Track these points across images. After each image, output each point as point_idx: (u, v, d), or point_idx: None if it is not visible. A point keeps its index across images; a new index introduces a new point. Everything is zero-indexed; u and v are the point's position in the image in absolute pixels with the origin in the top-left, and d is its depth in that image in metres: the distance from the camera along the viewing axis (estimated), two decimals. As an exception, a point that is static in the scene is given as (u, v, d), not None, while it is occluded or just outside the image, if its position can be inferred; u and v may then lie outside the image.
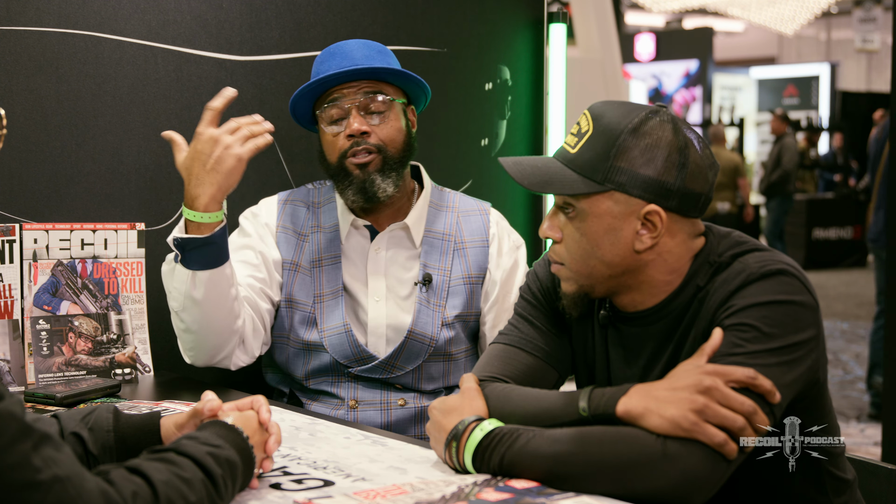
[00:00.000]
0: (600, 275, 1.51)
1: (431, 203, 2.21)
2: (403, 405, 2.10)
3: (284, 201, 2.22)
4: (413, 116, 2.19)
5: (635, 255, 1.48)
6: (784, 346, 1.38)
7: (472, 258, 2.17)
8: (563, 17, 3.10)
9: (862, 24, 15.67)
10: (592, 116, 1.50)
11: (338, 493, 1.32)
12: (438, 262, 2.15)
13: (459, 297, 2.15)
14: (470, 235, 2.19)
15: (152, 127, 2.37)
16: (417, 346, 2.11)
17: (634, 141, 1.45)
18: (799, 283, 1.43)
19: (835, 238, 12.33)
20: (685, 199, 1.47)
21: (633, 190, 1.46)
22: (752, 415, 1.31)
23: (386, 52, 2.16)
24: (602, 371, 1.61)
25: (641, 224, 1.47)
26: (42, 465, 1.02)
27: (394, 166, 2.09)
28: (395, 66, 2.13)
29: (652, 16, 18.65)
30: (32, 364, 2.06)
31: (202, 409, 1.37)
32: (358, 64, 2.07)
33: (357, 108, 2.08)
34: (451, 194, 2.27)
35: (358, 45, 2.13)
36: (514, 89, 2.98)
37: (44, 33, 2.23)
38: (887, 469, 1.73)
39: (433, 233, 2.18)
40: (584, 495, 1.30)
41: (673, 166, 1.45)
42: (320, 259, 2.15)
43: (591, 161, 1.48)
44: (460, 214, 2.22)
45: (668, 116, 1.48)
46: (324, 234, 2.16)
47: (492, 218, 2.24)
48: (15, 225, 2.10)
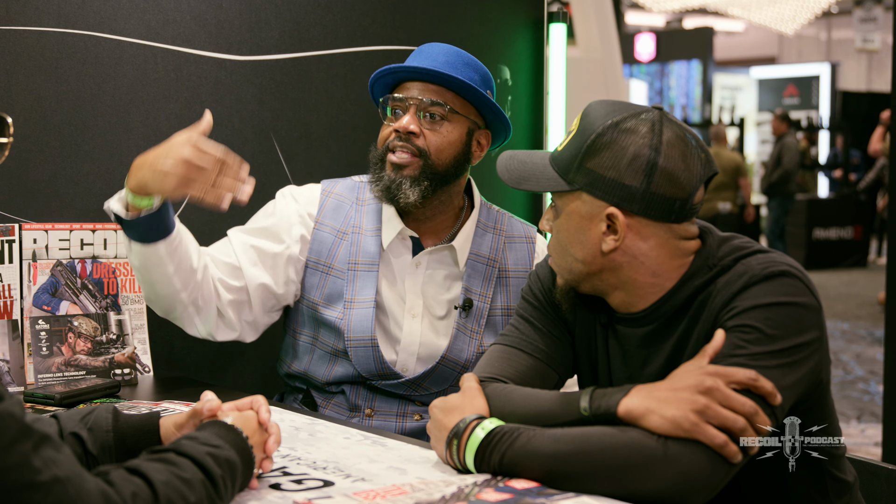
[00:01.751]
0: (578, 272, 1.53)
1: (479, 223, 2.13)
2: (419, 419, 2.05)
3: (328, 193, 2.13)
4: (484, 140, 2.10)
5: (604, 256, 1.49)
6: (787, 347, 1.38)
7: (514, 289, 2.10)
8: (564, 16, 3.10)
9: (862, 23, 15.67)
10: (581, 115, 1.51)
11: (337, 493, 1.32)
12: (480, 288, 2.08)
13: (497, 327, 2.08)
14: (514, 265, 2.12)
15: (152, 127, 2.37)
16: (448, 372, 2.04)
17: (604, 142, 1.45)
18: (802, 284, 1.43)
19: (835, 238, 12.33)
20: (652, 203, 1.45)
21: (597, 192, 1.47)
22: (753, 416, 1.31)
23: (473, 67, 2.06)
24: (604, 371, 1.61)
25: (606, 226, 1.47)
26: (42, 466, 1.02)
27: (431, 177, 2.01)
28: (475, 83, 2.03)
29: (652, 15, 18.65)
30: (32, 364, 2.05)
31: (201, 409, 1.37)
32: (436, 67, 2.00)
33: (416, 107, 2.01)
34: (499, 215, 2.18)
35: (447, 51, 2.05)
36: (514, 89, 2.97)
37: (43, 33, 2.23)
38: (888, 469, 1.73)
39: (478, 256, 2.10)
40: (585, 495, 1.29)
41: (639, 170, 1.44)
42: (357, 263, 2.06)
43: (566, 160, 1.50)
44: (507, 240, 2.14)
45: (652, 117, 1.47)
46: (364, 237, 2.08)
47: (537, 248, 2.15)
48: (14, 225, 2.10)
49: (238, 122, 2.48)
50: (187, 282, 1.95)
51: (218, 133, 2.46)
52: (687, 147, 1.46)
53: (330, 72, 2.61)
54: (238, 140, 2.48)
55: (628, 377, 1.56)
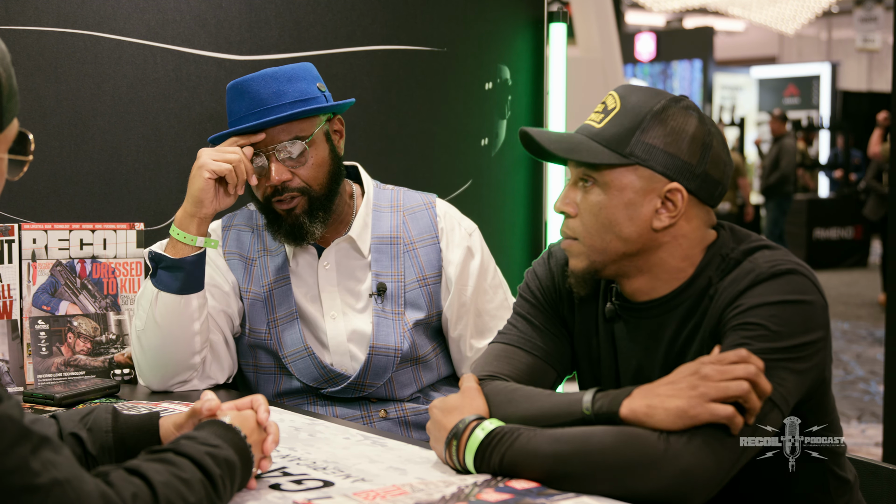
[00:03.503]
0: (614, 251, 1.51)
1: (375, 206, 2.12)
2: (385, 416, 2.05)
3: (227, 227, 2.14)
4: (340, 126, 2.08)
5: (651, 234, 1.49)
6: (793, 346, 1.37)
7: (425, 258, 2.10)
8: (564, 16, 3.10)
9: (863, 23, 15.66)
10: (620, 96, 1.52)
11: (337, 493, 1.31)
12: (390, 269, 2.08)
13: (418, 301, 2.07)
14: (419, 234, 2.11)
15: (151, 126, 2.37)
16: (383, 360, 2.04)
17: (662, 120, 1.47)
18: (809, 282, 1.42)
19: (836, 238, 12.32)
20: (706, 184, 1.48)
21: (658, 166, 1.47)
22: (755, 377, 1.30)
23: (297, 78, 2.00)
24: (609, 366, 1.60)
25: (661, 202, 1.48)
26: (41, 468, 1.02)
27: (320, 205, 2.01)
28: (311, 91, 1.99)
29: (652, 15, 18.65)
30: (31, 364, 2.05)
31: (200, 408, 1.37)
32: (267, 107, 1.95)
33: (274, 156, 1.97)
34: (393, 192, 2.17)
35: (265, 80, 1.97)
36: (515, 89, 2.97)
37: (42, 33, 2.23)
38: (888, 469, 1.73)
39: (381, 238, 2.10)
40: (585, 496, 1.29)
41: (698, 150, 1.47)
42: (270, 283, 2.08)
43: (617, 135, 1.49)
44: (405, 213, 2.13)
45: (692, 105, 1.51)
46: (271, 258, 2.09)
47: (438, 211, 2.14)
48: (14, 225, 2.10)
49: (238, 121, 2.48)
50: (204, 343, 2.00)
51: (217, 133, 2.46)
52: (722, 136, 1.52)
53: (330, 72, 2.60)
54: (238, 140, 2.48)
55: (636, 370, 1.55)
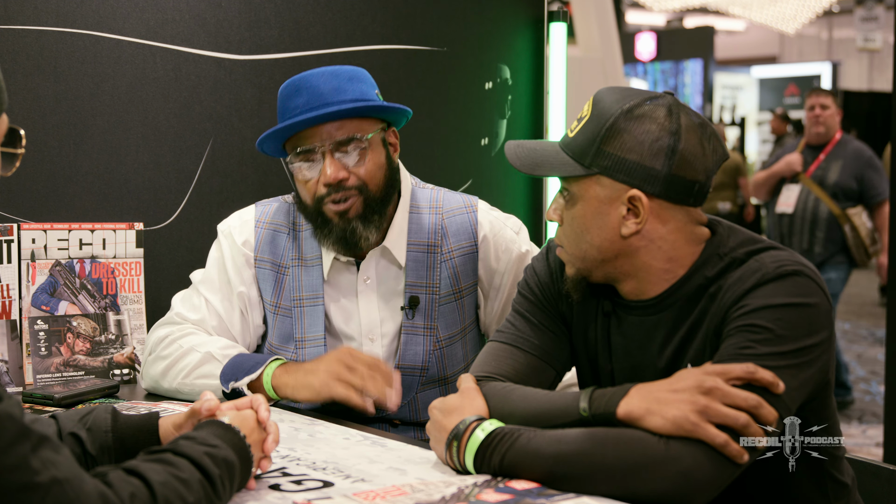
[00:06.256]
0: (592, 259, 1.52)
1: (412, 206, 2.00)
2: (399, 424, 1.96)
3: (263, 224, 2.01)
4: (395, 139, 1.98)
5: (622, 241, 1.48)
6: (797, 349, 1.37)
7: (461, 267, 1.99)
8: (564, 15, 3.10)
9: (864, 22, 15.65)
10: (593, 102, 1.51)
11: (337, 494, 1.31)
12: (425, 279, 1.97)
13: (450, 315, 1.98)
14: (457, 241, 1.99)
15: (151, 126, 2.36)
16: (407, 380, 1.93)
17: (622, 126, 1.45)
18: (814, 284, 1.42)
19: (836, 238, 12.28)
20: (673, 185, 1.46)
21: (618, 175, 1.46)
22: (757, 409, 1.30)
23: (358, 79, 1.93)
24: (605, 363, 1.59)
25: (627, 209, 1.47)
26: (40, 467, 1.02)
27: (376, 208, 1.91)
28: (370, 95, 1.92)
29: (653, 15, 18.63)
30: (30, 364, 2.05)
31: (200, 408, 1.37)
32: (327, 102, 1.86)
33: (331, 153, 1.87)
34: (433, 192, 2.04)
35: (325, 76, 1.90)
36: (515, 88, 2.97)
37: (42, 32, 2.22)
38: (889, 470, 1.72)
39: (417, 245, 1.98)
40: (585, 496, 1.29)
41: (660, 152, 1.44)
42: (301, 298, 1.96)
43: (581, 145, 1.49)
44: (445, 216, 2.01)
45: (667, 102, 1.47)
46: (305, 269, 1.97)
47: (480, 217, 2.02)
48: (13, 225, 2.09)
49: (237, 121, 2.48)
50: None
51: (217, 132, 2.46)
52: (703, 130, 1.48)
53: (330, 71, 2.60)
54: (237, 139, 2.48)
55: (632, 367, 1.55)
